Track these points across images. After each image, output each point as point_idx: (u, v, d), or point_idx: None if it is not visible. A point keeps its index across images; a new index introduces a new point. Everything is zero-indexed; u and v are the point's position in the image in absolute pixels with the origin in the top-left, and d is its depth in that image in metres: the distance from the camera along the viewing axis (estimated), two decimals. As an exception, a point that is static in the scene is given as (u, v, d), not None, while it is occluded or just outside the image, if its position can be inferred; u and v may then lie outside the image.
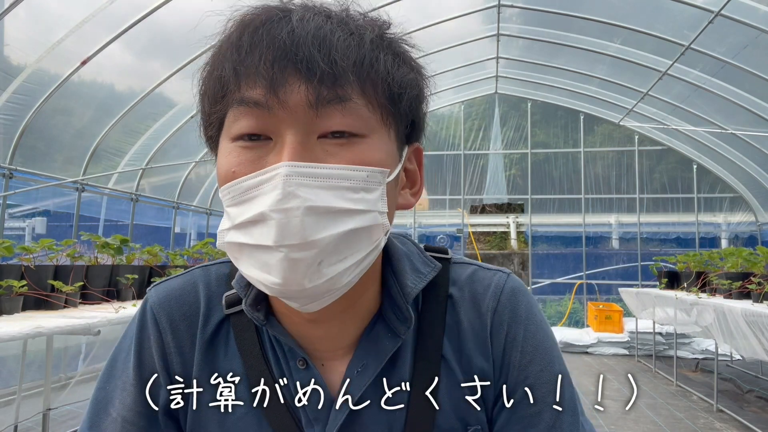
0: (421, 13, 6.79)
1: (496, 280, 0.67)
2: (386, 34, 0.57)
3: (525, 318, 0.64)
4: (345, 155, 0.52)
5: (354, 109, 0.52)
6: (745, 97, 6.60)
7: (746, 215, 8.80)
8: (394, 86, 0.54)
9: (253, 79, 0.51)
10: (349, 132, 0.52)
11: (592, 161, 9.31)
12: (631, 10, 6.26)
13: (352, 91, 0.51)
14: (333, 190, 0.50)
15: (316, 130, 0.51)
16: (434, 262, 0.67)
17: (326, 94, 0.50)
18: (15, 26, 4.42)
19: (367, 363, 0.61)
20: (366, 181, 0.52)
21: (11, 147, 4.75)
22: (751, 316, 3.56)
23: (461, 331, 0.64)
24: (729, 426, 4.43)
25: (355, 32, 0.53)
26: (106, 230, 6.38)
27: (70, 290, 2.95)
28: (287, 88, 0.50)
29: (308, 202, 0.49)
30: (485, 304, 0.65)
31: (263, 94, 0.50)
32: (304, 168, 0.49)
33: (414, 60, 0.59)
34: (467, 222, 9.76)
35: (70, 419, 4.18)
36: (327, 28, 0.51)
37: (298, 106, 0.50)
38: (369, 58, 0.52)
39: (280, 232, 0.49)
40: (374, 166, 0.53)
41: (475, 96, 9.57)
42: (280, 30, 0.51)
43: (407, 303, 0.61)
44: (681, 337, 7.22)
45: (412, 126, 0.60)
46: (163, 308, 0.66)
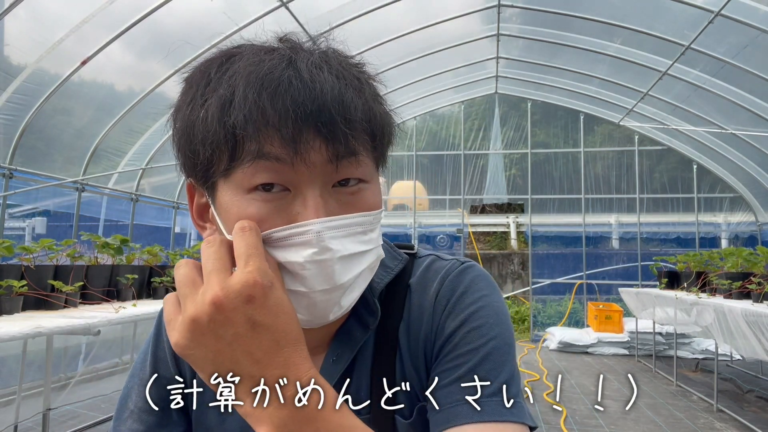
0: (421, 13, 6.79)
1: (447, 266, 0.71)
2: (371, 80, 0.61)
3: (464, 288, 0.67)
4: (356, 203, 0.58)
5: (362, 160, 0.57)
6: (745, 97, 6.60)
7: (746, 215, 8.80)
8: (386, 134, 0.61)
9: (272, 134, 0.53)
10: (360, 179, 0.58)
11: (592, 161, 9.31)
12: (631, 10, 6.26)
13: (359, 145, 0.57)
14: (352, 236, 0.57)
15: (331, 181, 0.57)
16: (402, 256, 0.73)
17: (343, 151, 0.55)
18: (15, 26, 4.42)
19: (341, 352, 0.67)
20: (372, 223, 0.59)
21: (11, 147, 4.76)
22: (751, 316, 3.56)
23: (411, 314, 0.69)
24: (729, 426, 4.44)
25: (358, 87, 0.57)
26: (106, 230, 6.38)
27: (70, 290, 2.95)
28: (308, 146, 0.53)
29: (339, 253, 0.55)
30: (433, 286, 0.69)
31: (285, 151, 0.53)
32: (331, 222, 0.55)
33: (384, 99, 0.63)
34: (467, 222, 9.76)
35: (70, 419, 4.18)
36: (338, 88, 0.55)
37: (318, 163, 0.54)
38: (371, 113, 0.57)
39: (313, 281, 0.55)
40: (376, 208, 0.60)
41: (475, 96, 9.57)
42: (299, 92, 0.53)
43: (374, 297, 0.67)
44: (681, 337, 7.23)
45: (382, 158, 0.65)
46: None
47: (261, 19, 5.36)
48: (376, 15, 6.15)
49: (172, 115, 0.63)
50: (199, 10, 5.36)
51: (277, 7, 5.29)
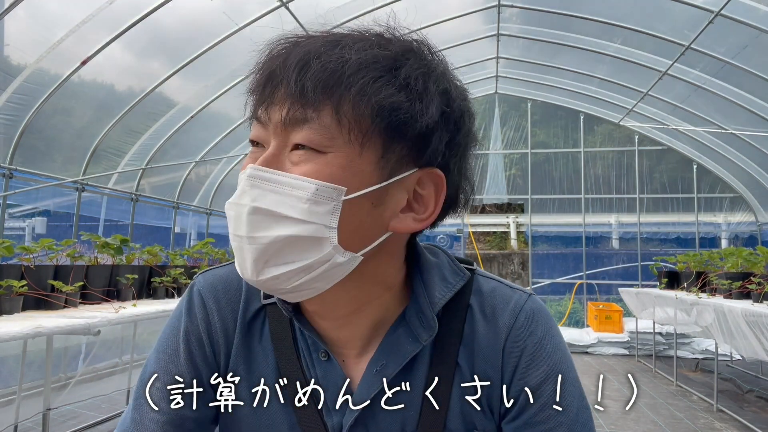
0: (421, 13, 6.78)
1: (516, 298, 0.69)
2: (403, 55, 0.59)
3: (542, 338, 0.66)
4: (303, 167, 0.56)
5: (315, 128, 0.56)
6: (745, 97, 6.59)
7: (746, 215, 8.80)
8: (370, 108, 0.56)
9: (259, 98, 0.60)
10: (308, 146, 0.56)
11: (592, 161, 9.31)
12: (631, 10, 6.25)
13: (318, 111, 0.56)
14: (281, 196, 0.56)
15: (289, 143, 0.58)
16: (464, 272, 0.71)
17: (294, 114, 0.56)
18: (15, 26, 4.42)
19: (387, 363, 0.65)
20: (315, 194, 0.55)
21: (11, 147, 4.75)
22: (751, 316, 3.56)
23: (476, 341, 0.67)
24: (729, 426, 4.44)
25: (346, 56, 0.56)
26: (106, 230, 6.38)
27: (70, 290, 2.95)
28: (273, 107, 0.58)
29: (255, 202, 0.56)
30: (502, 319, 0.67)
31: (263, 112, 0.59)
32: (263, 173, 0.57)
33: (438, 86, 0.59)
34: (467, 222, 9.76)
35: (70, 419, 4.18)
36: (313, 54, 0.56)
37: (277, 122, 0.58)
38: (346, 82, 0.55)
39: (234, 223, 0.58)
40: (327, 181, 0.55)
41: (475, 96, 9.56)
42: (279, 57, 0.58)
43: (434, 312, 0.65)
44: (681, 337, 7.23)
45: (418, 148, 0.59)
46: (210, 292, 0.73)
47: (261, 19, 5.36)
48: (376, 15, 6.14)
49: None
50: (199, 10, 5.36)
51: (277, 7, 5.29)
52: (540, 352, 0.65)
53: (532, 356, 0.65)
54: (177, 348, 0.69)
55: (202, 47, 5.58)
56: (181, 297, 0.75)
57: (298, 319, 0.67)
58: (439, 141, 0.60)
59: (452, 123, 0.61)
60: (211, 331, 0.70)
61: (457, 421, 0.64)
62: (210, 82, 6.28)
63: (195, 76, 6.12)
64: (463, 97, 0.63)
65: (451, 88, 0.62)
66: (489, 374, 0.66)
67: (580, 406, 0.64)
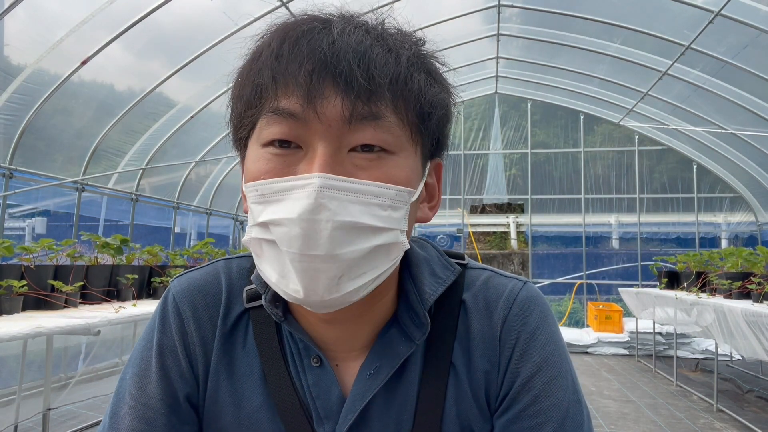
0: (421, 13, 6.79)
1: (510, 287, 0.66)
2: (421, 51, 0.58)
3: (535, 328, 0.63)
4: (374, 171, 0.52)
5: (386, 126, 0.52)
6: (745, 97, 6.60)
7: (746, 215, 8.80)
8: (425, 105, 0.55)
9: (291, 89, 0.51)
10: (379, 147, 0.52)
11: (592, 161, 9.31)
12: (631, 10, 6.26)
13: (385, 108, 0.52)
14: (363, 205, 0.51)
15: (347, 143, 0.52)
16: (454, 266, 0.68)
17: (361, 110, 0.51)
18: (15, 26, 4.42)
19: (381, 365, 0.62)
20: (394, 200, 0.52)
21: (11, 147, 4.75)
22: (751, 316, 3.56)
23: (471, 337, 0.64)
24: (729, 426, 4.43)
25: (393, 49, 0.53)
26: (106, 230, 6.38)
27: (70, 290, 2.95)
28: (324, 101, 0.50)
29: (338, 216, 0.49)
30: (497, 311, 0.64)
31: (300, 105, 0.51)
32: (337, 182, 0.50)
33: (445, 78, 0.60)
34: (467, 222, 9.75)
35: (70, 419, 4.18)
36: (367, 43, 0.52)
37: (333, 119, 0.51)
38: (404, 76, 0.53)
39: (306, 242, 0.49)
40: (401, 183, 0.53)
41: (475, 96, 9.57)
42: (320, 41, 0.51)
43: (425, 309, 0.62)
44: (681, 337, 7.23)
45: (437, 143, 0.60)
46: (186, 298, 0.67)
47: (261, 19, 5.36)
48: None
49: None
50: (199, 10, 5.36)
51: (277, 6, 5.29)
52: (533, 343, 0.62)
53: (525, 347, 0.62)
54: (150, 363, 0.64)
55: (202, 47, 5.58)
56: (158, 304, 0.70)
57: (289, 323, 0.63)
58: (445, 135, 0.61)
59: (452, 116, 0.62)
60: (187, 341, 0.65)
61: (453, 424, 0.62)
62: (210, 82, 6.29)
63: (195, 76, 6.12)
64: (453, 88, 0.63)
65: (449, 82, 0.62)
66: (487, 370, 0.63)
67: (571, 401, 0.61)
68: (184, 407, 0.64)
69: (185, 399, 0.64)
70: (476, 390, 0.62)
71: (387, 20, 0.59)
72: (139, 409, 0.62)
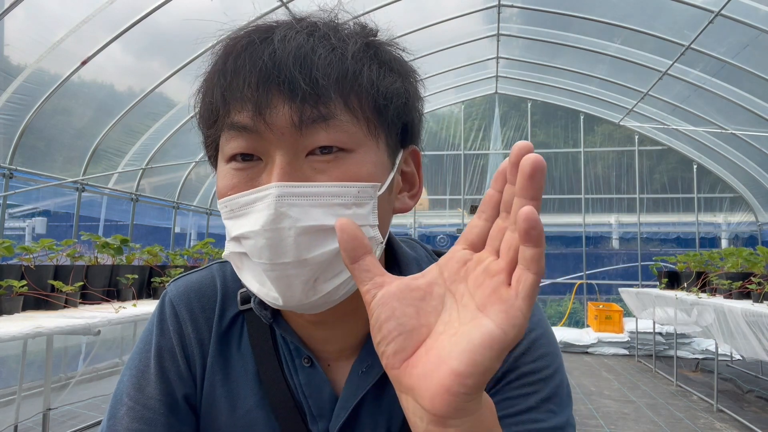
0: (421, 13, 6.79)
1: None
2: (373, 42, 0.57)
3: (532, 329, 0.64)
4: (333, 172, 0.52)
5: (338, 125, 0.52)
6: (745, 97, 6.60)
7: (746, 215, 8.80)
8: (379, 98, 0.54)
9: (240, 104, 0.52)
10: (336, 147, 0.52)
11: (592, 161, 9.31)
12: (631, 10, 6.26)
13: (336, 108, 0.52)
14: (324, 207, 0.51)
15: (303, 148, 0.52)
16: None
17: (310, 113, 0.51)
18: (15, 26, 4.42)
19: (372, 364, 0.62)
20: (357, 197, 0.53)
21: (11, 147, 4.76)
22: (752, 316, 3.56)
23: None
24: (729, 426, 4.43)
25: (338, 46, 0.53)
26: (106, 230, 6.38)
27: (70, 290, 2.95)
28: (272, 111, 0.51)
29: (300, 222, 0.50)
30: None
31: (250, 118, 0.52)
32: (294, 188, 0.51)
33: (403, 64, 0.59)
34: (467, 222, 9.75)
35: (70, 419, 4.18)
36: (308, 47, 0.52)
37: (284, 127, 0.51)
38: (353, 72, 0.53)
39: (273, 252, 0.51)
40: (363, 180, 0.53)
41: (475, 96, 9.57)
42: (262, 52, 0.52)
43: None
44: (681, 337, 7.22)
45: (404, 130, 0.60)
46: (183, 301, 0.69)
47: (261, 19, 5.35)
48: (375, 15, 6.15)
49: None
50: (199, 10, 5.36)
51: (277, 7, 5.29)
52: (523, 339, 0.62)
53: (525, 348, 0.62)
54: (148, 365, 0.66)
55: (202, 47, 5.58)
56: (155, 307, 0.71)
57: (278, 325, 0.64)
58: (418, 119, 0.61)
59: (418, 97, 0.61)
60: (184, 343, 0.67)
61: None
62: (210, 82, 6.28)
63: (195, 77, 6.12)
64: (416, 71, 0.62)
65: (407, 62, 0.61)
66: None
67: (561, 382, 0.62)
68: (183, 407, 0.65)
69: (183, 399, 0.66)
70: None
71: (341, 14, 0.59)
72: (138, 410, 0.63)
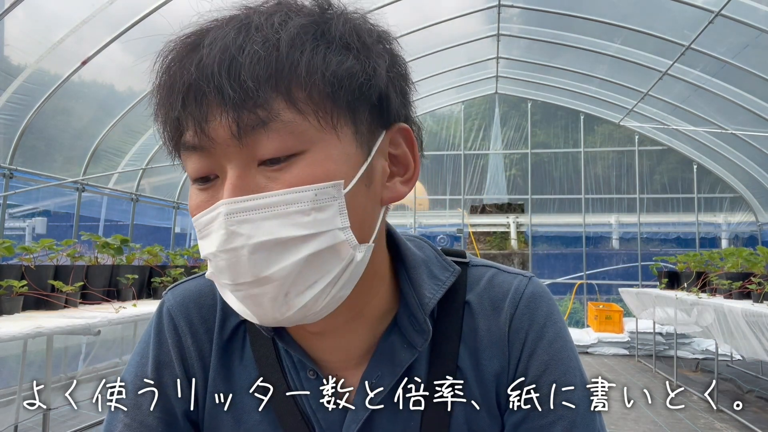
0: (421, 13, 6.79)
1: (516, 285, 0.64)
2: (322, 18, 0.51)
3: (543, 325, 0.62)
4: (287, 178, 0.48)
5: (282, 127, 0.47)
6: (745, 97, 6.60)
7: (746, 215, 8.80)
8: (327, 83, 0.48)
9: (184, 122, 0.49)
10: (283, 156, 0.48)
11: (592, 161, 9.31)
12: (631, 10, 6.26)
13: (278, 107, 0.47)
14: (280, 218, 0.47)
15: (252, 158, 0.48)
16: (453, 266, 0.64)
17: (248, 120, 0.46)
18: (15, 26, 4.42)
19: (382, 374, 0.59)
20: (315, 201, 0.48)
21: (11, 147, 4.76)
22: (752, 316, 3.56)
23: (478, 339, 0.62)
24: (729, 426, 4.43)
25: (270, 37, 0.47)
26: (106, 230, 6.38)
27: (70, 290, 2.95)
28: (210, 124, 0.47)
29: (252, 239, 0.46)
30: (504, 311, 0.62)
31: (194, 135, 0.48)
32: (242, 203, 0.47)
33: (362, 35, 0.52)
34: (467, 222, 9.75)
35: (70, 419, 4.18)
36: (235, 46, 0.47)
37: (226, 139, 0.47)
38: (289, 63, 0.47)
39: (232, 272, 0.48)
40: (321, 181, 0.48)
41: (476, 96, 9.57)
42: (189, 64, 0.48)
43: (425, 315, 0.59)
44: (681, 337, 7.22)
45: (380, 109, 0.53)
46: (182, 311, 0.65)
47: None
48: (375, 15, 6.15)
49: None
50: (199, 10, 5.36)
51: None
52: (541, 342, 0.61)
53: (533, 346, 0.61)
54: (146, 379, 0.63)
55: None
56: (152, 316, 0.67)
57: (280, 338, 0.60)
58: (395, 94, 0.54)
59: (396, 70, 0.55)
60: (184, 356, 0.64)
61: (462, 428, 0.60)
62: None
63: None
64: (389, 38, 0.56)
65: (381, 33, 0.55)
66: (497, 372, 0.61)
67: (582, 396, 0.60)
68: (183, 425, 0.63)
69: (183, 416, 0.63)
70: (485, 392, 0.60)
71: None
72: (135, 428, 0.60)
